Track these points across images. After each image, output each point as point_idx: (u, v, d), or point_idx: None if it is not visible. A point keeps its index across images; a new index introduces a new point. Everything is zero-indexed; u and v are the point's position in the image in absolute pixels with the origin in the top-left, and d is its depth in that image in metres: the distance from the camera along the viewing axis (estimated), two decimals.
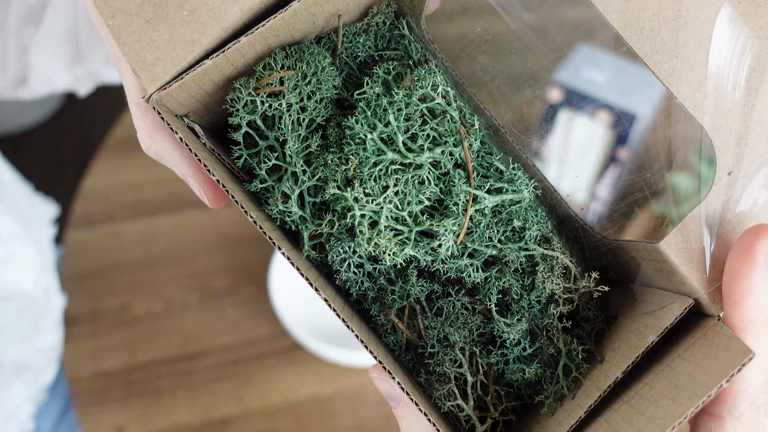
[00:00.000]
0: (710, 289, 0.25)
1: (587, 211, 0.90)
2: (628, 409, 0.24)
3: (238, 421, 0.79)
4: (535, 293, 0.28)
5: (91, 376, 0.82)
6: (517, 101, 0.31)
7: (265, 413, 0.80)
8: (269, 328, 0.85)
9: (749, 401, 0.23)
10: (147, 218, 0.99)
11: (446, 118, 0.27)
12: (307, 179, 0.27)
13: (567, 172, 0.87)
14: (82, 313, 0.87)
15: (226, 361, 0.83)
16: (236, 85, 0.27)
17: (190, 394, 0.81)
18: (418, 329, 0.28)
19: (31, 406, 0.74)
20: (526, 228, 0.28)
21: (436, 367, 0.28)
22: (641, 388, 0.25)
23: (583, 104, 0.89)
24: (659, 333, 0.25)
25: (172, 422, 0.79)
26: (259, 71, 0.27)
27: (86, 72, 0.63)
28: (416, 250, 0.27)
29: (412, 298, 0.28)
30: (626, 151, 0.89)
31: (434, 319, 0.28)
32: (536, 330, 0.28)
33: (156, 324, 0.87)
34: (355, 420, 0.79)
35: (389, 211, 0.26)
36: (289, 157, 0.27)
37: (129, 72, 0.28)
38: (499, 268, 0.28)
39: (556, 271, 0.28)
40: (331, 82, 0.27)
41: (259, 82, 0.27)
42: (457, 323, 0.28)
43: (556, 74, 0.87)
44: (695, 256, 0.25)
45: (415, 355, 0.29)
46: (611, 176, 0.91)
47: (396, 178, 0.26)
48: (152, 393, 0.81)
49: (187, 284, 0.91)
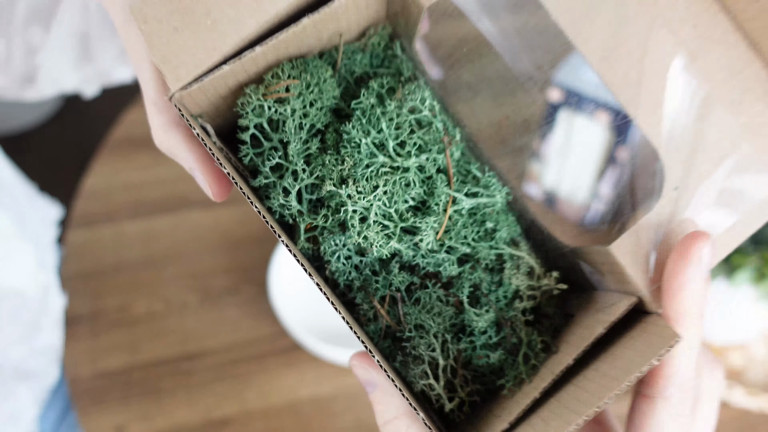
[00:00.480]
0: (652, 288, 0.28)
1: (588, 211, 0.92)
2: (576, 389, 0.28)
3: (238, 421, 0.79)
4: (502, 289, 0.31)
5: (91, 376, 0.81)
6: (495, 116, 0.35)
7: (265, 413, 0.80)
8: (269, 328, 0.85)
9: (678, 384, 0.27)
10: (147, 218, 0.98)
11: (432, 129, 0.30)
12: (306, 177, 0.30)
13: (567, 172, 0.90)
14: (82, 313, 0.87)
15: (226, 361, 0.83)
16: (247, 91, 0.30)
17: (191, 394, 0.80)
18: (397, 316, 0.31)
19: (36, 408, 0.75)
20: (497, 229, 0.31)
21: (411, 350, 0.31)
22: (588, 372, 0.28)
23: (583, 104, 0.87)
24: (606, 326, 0.28)
25: (173, 422, 0.78)
26: (267, 79, 0.30)
27: (94, 72, 0.64)
28: (400, 244, 0.30)
29: (393, 287, 0.31)
30: (626, 151, 0.88)
31: (412, 308, 0.31)
32: (502, 321, 0.31)
33: (156, 324, 0.87)
34: (355, 420, 0.79)
35: (378, 208, 0.29)
36: (291, 157, 0.30)
37: (147, 72, 0.31)
38: (472, 264, 0.31)
39: (521, 270, 0.31)
40: (331, 93, 0.31)
41: (267, 89, 0.30)
42: (432, 312, 0.31)
43: (556, 75, 0.87)
44: (641, 259, 0.28)
45: (392, 342, 0.32)
46: (611, 176, 0.92)
47: (385, 179, 0.29)
48: (152, 393, 0.80)
49: (188, 284, 0.91)
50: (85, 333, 0.85)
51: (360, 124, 0.30)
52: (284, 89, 0.30)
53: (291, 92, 0.30)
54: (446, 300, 0.31)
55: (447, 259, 0.31)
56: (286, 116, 0.30)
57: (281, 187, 0.30)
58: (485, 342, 0.31)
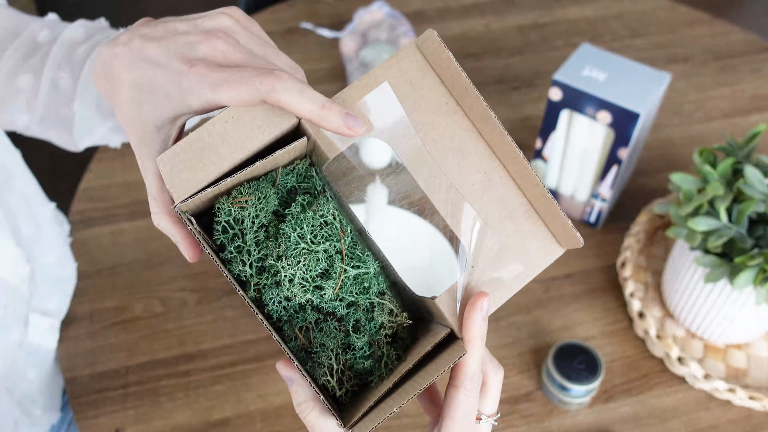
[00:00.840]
0: (458, 324, 0.49)
1: (588, 211, 1.00)
2: (413, 383, 0.48)
3: (237, 422, 0.78)
4: (373, 322, 0.52)
5: (88, 378, 0.80)
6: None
7: (264, 414, 0.79)
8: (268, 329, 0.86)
9: (469, 377, 0.48)
10: (145, 219, 0.96)
11: (333, 227, 0.50)
12: (255, 254, 0.50)
13: (567, 172, 0.98)
14: (80, 313, 0.86)
15: (224, 363, 0.82)
16: (221, 201, 0.49)
17: (189, 396, 0.80)
18: (308, 338, 0.51)
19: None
20: (371, 287, 0.52)
21: (318, 359, 0.51)
22: (419, 373, 0.49)
23: (583, 104, 0.88)
24: (432, 345, 0.49)
25: (171, 424, 0.77)
26: (234, 192, 0.49)
27: (116, 124, 0.64)
28: (312, 295, 0.50)
29: (307, 321, 0.51)
30: (626, 150, 0.88)
31: (318, 333, 0.51)
32: (372, 342, 0.52)
33: (154, 325, 0.86)
34: None
35: (299, 275, 0.49)
36: (248, 242, 0.50)
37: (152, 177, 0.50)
38: (354, 308, 0.52)
39: (385, 311, 0.52)
40: (273, 202, 0.50)
41: (234, 199, 0.49)
42: (330, 336, 0.51)
43: (556, 74, 0.88)
44: (452, 306, 0.50)
45: (305, 353, 0.52)
46: (612, 176, 0.93)
47: (304, 257, 0.49)
48: (150, 394, 0.79)
49: (186, 285, 0.89)
50: (82, 334, 0.83)
51: (290, 223, 0.49)
52: (244, 201, 0.49)
53: (248, 204, 0.49)
54: (339, 328, 0.52)
55: (340, 305, 0.51)
56: (245, 217, 0.49)
57: (239, 260, 0.50)
58: (362, 354, 0.51)
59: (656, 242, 1.00)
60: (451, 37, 1.38)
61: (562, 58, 1.34)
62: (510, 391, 0.85)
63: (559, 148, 0.98)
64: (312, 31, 1.36)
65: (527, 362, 0.88)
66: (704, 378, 0.80)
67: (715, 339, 0.86)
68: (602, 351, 0.88)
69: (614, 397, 0.84)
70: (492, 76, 1.29)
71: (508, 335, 0.90)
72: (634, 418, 0.82)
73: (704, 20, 1.43)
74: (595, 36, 1.39)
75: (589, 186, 0.98)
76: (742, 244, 0.72)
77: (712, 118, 1.23)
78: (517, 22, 1.42)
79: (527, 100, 1.25)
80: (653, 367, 0.86)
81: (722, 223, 0.72)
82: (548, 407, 0.83)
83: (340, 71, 1.28)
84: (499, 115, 1.21)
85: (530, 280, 0.51)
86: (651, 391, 0.84)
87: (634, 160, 1.00)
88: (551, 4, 1.46)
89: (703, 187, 0.76)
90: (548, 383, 0.81)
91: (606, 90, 0.86)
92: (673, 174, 0.78)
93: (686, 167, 1.12)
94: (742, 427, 0.80)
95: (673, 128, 1.20)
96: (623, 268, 0.92)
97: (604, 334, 0.90)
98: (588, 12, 1.45)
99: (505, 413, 0.82)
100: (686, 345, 0.87)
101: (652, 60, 1.34)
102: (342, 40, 1.27)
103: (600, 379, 0.80)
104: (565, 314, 0.92)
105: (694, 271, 0.80)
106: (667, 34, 1.40)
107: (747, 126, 1.22)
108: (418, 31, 1.37)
